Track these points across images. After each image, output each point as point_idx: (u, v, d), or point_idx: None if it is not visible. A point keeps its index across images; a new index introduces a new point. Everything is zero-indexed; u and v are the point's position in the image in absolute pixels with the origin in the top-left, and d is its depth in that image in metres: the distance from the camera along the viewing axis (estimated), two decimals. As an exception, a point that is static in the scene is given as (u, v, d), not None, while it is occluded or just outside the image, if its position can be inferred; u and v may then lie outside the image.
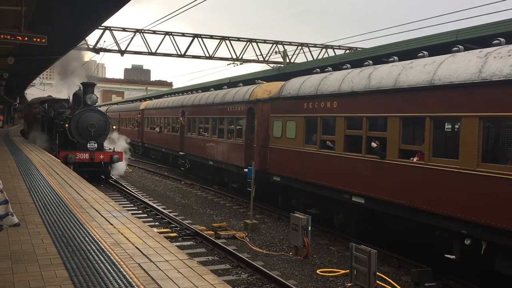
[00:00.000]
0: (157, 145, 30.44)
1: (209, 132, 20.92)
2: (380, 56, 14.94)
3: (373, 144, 10.71)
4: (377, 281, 8.73)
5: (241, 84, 21.56)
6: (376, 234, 11.69)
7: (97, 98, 22.34)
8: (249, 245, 11.88)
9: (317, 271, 9.97)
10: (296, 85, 14.24)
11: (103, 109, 50.98)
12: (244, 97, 17.58)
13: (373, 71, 11.24)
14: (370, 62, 12.59)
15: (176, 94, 32.39)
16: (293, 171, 13.96)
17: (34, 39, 11.79)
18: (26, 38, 11.67)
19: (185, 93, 29.97)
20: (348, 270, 9.33)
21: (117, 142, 26.62)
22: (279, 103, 14.92)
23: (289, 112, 14.33)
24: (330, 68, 14.25)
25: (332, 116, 12.40)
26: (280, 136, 14.65)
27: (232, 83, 25.35)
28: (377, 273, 8.76)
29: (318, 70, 14.95)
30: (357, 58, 16.54)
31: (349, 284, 9.01)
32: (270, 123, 15.34)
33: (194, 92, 28.52)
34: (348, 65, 13.36)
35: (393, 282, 9.26)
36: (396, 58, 11.66)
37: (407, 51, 13.70)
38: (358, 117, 11.38)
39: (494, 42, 9.11)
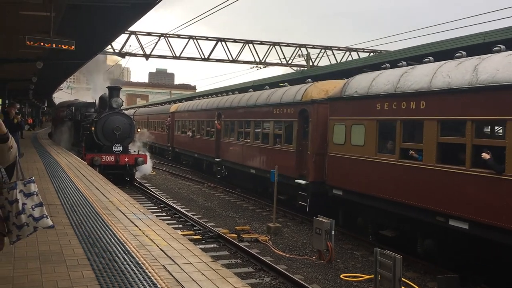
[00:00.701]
0: (189, 150, 28.60)
1: (250, 137, 19.00)
2: (403, 59, 14.79)
3: (485, 155, 8.57)
4: (402, 287, 8.60)
5: (288, 84, 19.14)
6: (478, 265, 9.65)
7: (123, 101, 22.71)
8: (272, 248, 11.86)
9: (341, 276, 9.89)
10: (365, 83, 12.11)
11: (131, 112, 51.44)
12: (295, 97, 15.61)
13: (480, 62, 9.07)
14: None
15: (209, 96, 30.93)
16: (360, 184, 11.75)
17: (63, 45, 12.03)
18: (54, 45, 11.93)
19: (219, 95, 27.85)
20: (372, 276, 9.22)
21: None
22: (341, 104, 12.89)
23: (355, 114, 12.24)
24: (387, 65, 12.61)
25: (418, 119, 10.20)
26: (343, 143, 12.57)
27: (255, 86, 25.38)
28: (402, 279, 8.63)
29: (387, 65, 12.69)
30: (379, 62, 16.39)
31: (373, 290, 8.90)
32: (329, 127, 13.29)
33: (231, 93, 26.50)
34: (404, 62, 12.26)
35: (418, 288, 9.11)
36: (431, 58, 11.36)
37: (436, 53, 13.52)
38: (459, 120, 9.20)
39: None
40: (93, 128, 20.89)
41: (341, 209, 13.35)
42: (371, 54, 31.72)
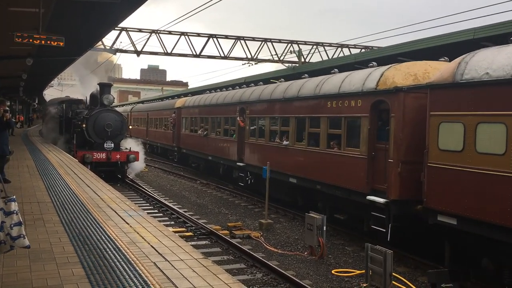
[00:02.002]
0: (201, 151, 24.48)
1: (290, 138, 15.24)
2: (396, 55, 14.86)
3: None
4: (393, 282, 8.66)
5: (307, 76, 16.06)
6: None
7: (114, 98, 22.59)
8: (264, 244, 11.89)
9: (332, 271, 9.93)
10: (504, 60, 8.25)
11: (127, 108, 49.65)
12: (364, 85, 11.71)
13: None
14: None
15: (224, 89, 25.88)
16: (494, 211, 8.11)
17: (52, 42, 11.93)
18: (43, 40, 11.82)
19: (243, 86, 23.55)
20: (363, 271, 9.27)
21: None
22: (455, 93, 9.07)
23: (484, 107, 8.44)
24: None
25: None
26: (460, 149, 8.79)
27: (247, 83, 25.33)
28: (393, 273, 8.69)
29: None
30: (372, 58, 16.43)
31: (364, 285, 8.95)
32: (431, 127, 9.49)
33: (252, 84, 22.20)
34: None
35: (409, 283, 9.18)
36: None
37: (425, 50, 13.61)
38: None
39: None
40: (84, 125, 20.79)
41: (449, 243, 9.49)
42: (363, 50, 31.79)
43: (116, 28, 25.37)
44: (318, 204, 13.87)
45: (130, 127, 39.90)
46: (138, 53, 28.93)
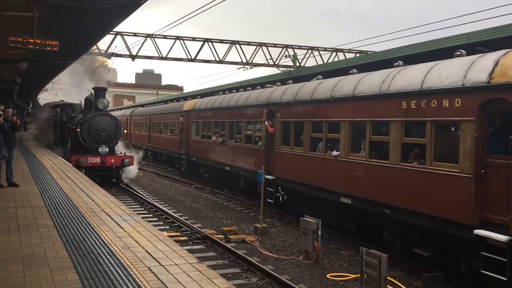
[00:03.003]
0: (215, 160, 21.42)
1: (342, 148, 12.13)
2: (390, 59, 14.93)
3: None
4: (388, 286, 8.67)
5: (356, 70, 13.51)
6: None
7: (109, 102, 22.57)
8: (259, 249, 11.87)
9: (327, 276, 9.93)
10: None
11: (127, 112, 46.88)
12: (466, 78, 8.71)
13: None
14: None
15: (238, 89, 23.53)
16: None
17: (47, 46, 11.92)
18: (38, 44, 11.81)
19: (268, 85, 19.73)
20: (358, 275, 9.27)
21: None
22: None
23: None
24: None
25: None
26: None
27: (243, 87, 25.31)
28: (388, 277, 8.70)
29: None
30: (366, 62, 16.51)
31: (359, 289, 8.95)
32: None
33: (278, 83, 18.71)
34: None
35: (404, 287, 9.19)
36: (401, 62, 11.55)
37: (420, 54, 13.67)
38: None
39: None
40: (78, 130, 20.73)
41: None
42: (358, 54, 31.93)
43: (111, 32, 25.35)
44: (384, 233, 11.14)
45: (125, 131, 39.48)
46: (133, 57, 28.90)
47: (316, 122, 13.60)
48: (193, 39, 30.20)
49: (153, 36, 28.65)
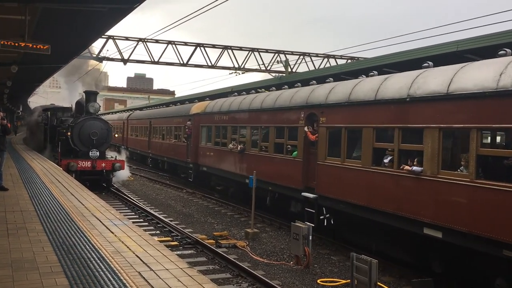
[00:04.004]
0: (232, 171, 18.48)
1: (427, 163, 9.28)
2: (381, 66, 15.05)
3: None
4: (378, 291, 8.69)
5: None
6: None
7: (100, 106, 22.49)
8: (250, 254, 11.86)
9: (318, 281, 9.95)
10: None
11: (123, 115, 44.18)
12: None
13: None
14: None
15: (259, 89, 20.43)
16: None
17: (37, 47, 11.87)
18: (29, 46, 11.76)
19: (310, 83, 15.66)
20: (349, 280, 9.30)
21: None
22: None
23: None
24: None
25: None
26: None
27: (235, 92, 25.31)
28: (378, 283, 8.73)
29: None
30: (358, 68, 16.61)
31: (350, 294, 8.97)
32: None
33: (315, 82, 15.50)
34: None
35: (394, 292, 9.23)
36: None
37: (410, 61, 13.80)
38: None
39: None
40: (69, 133, 20.63)
41: None
42: (349, 61, 32.14)
43: (103, 36, 25.30)
44: (497, 281, 8.42)
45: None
46: (125, 61, 28.87)
47: (383, 128, 10.75)
48: (185, 43, 30.25)
49: (145, 40, 28.64)
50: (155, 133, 31.06)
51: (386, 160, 10.43)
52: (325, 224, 12.57)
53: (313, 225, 11.90)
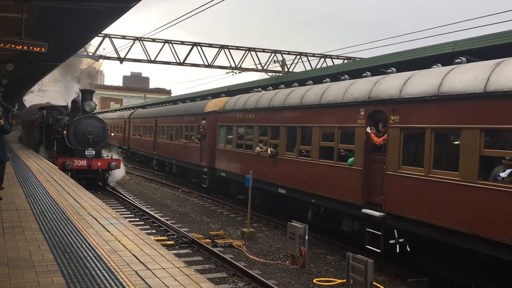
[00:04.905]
0: (259, 179, 15.21)
1: None
2: (378, 66, 15.09)
3: None
4: (374, 291, 8.71)
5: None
6: None
7: (96, 105, 22.44)
8: (246, 253, 11.87)
9: (314, 280, 9.97)
10: None
11: (125, 114, 42.18)
12: None
13: None
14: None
15: (294, 83, 17.70)
16: None
17: (34, 47, 11.83)
18: (25, 46, 11.71)
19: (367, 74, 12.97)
20: (344, 280, 9.33)
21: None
22: None
23: None
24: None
25: None
26: None
27: (231, 91, 25.29)
28: (374, 282, 8.76)
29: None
30: (355, 68, 16.65)
31: (345, 294, 8.99)
32: None
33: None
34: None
35: (389, 292, 9.25)
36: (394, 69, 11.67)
37: (410, 61, 13.85)
38: None
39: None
40: (65, 132, 20.57)
41: None
42: (345, 61, 32.18)
43: (99, 35, 25.23)
44: None
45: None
46: (121, 60, 28.77)
47: (498, 129, 8.12)
48: (182, 42, 30.18)
49: (142, 39, 28.56)
50: (162, 133, 28.64)
51: (503, 174, 7.83)
52: (398, 250, 9.88)
53: (379, 250, 10.09)
